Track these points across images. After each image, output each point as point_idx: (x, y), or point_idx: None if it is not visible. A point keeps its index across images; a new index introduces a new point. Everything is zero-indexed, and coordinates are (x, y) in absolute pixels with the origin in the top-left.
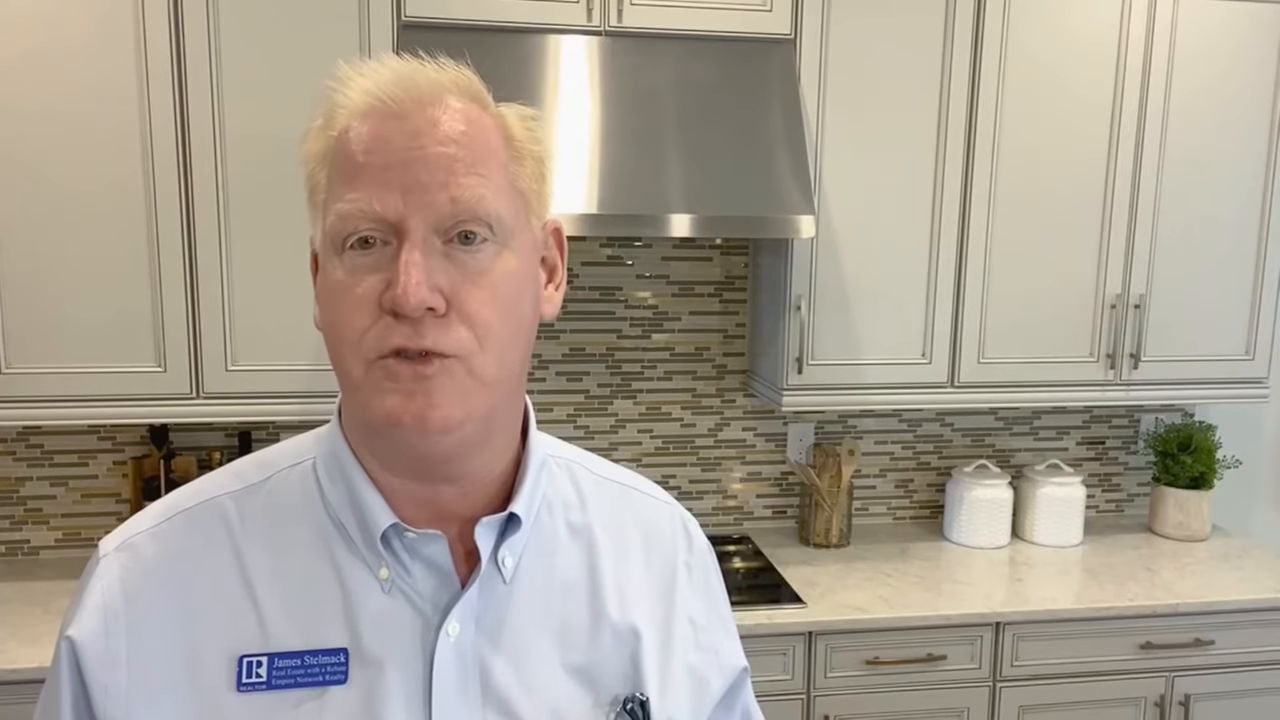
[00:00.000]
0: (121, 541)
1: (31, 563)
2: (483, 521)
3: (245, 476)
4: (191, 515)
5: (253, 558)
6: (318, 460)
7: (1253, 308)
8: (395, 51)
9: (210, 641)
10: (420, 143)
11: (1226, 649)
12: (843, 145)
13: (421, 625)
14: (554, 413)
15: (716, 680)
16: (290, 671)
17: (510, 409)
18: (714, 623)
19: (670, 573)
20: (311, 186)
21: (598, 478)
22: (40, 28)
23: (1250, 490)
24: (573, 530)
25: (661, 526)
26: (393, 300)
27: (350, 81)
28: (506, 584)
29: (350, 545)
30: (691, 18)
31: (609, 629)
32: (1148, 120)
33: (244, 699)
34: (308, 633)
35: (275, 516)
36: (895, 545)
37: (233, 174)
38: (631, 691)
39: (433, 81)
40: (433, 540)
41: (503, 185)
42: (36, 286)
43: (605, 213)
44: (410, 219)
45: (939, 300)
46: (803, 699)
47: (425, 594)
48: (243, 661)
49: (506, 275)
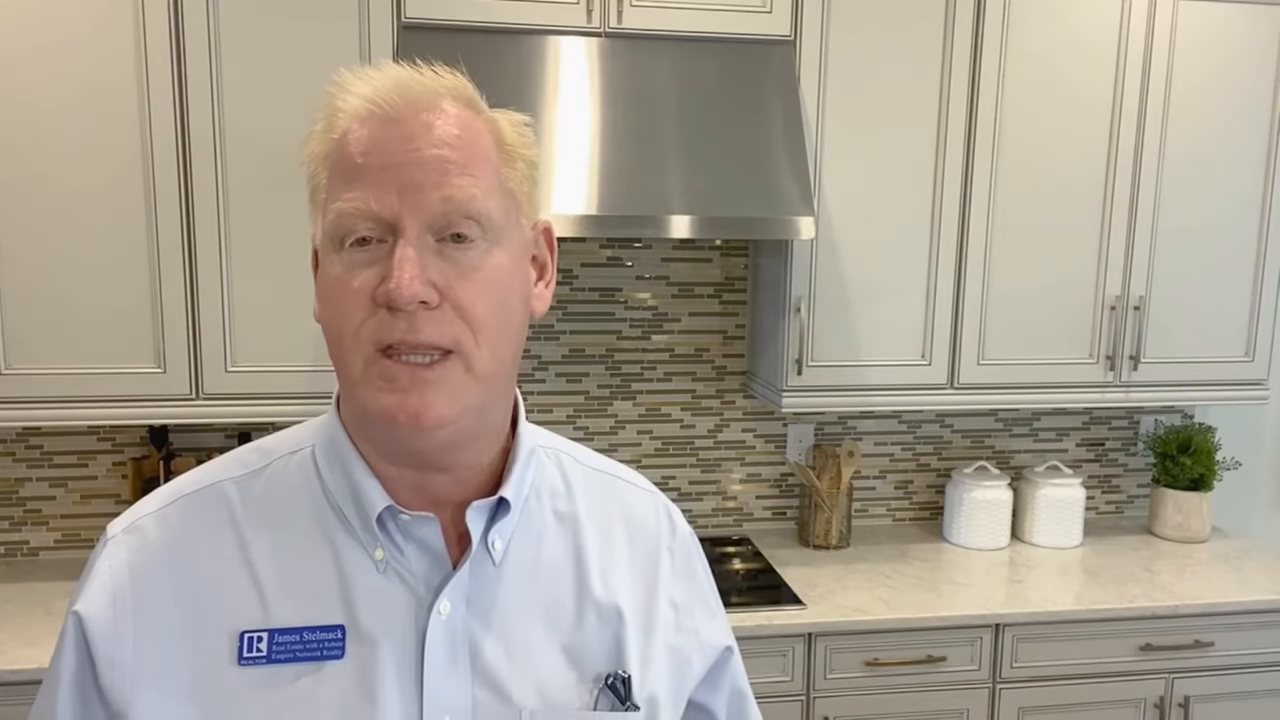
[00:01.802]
0: (129, 524)
1: (31, 564)
2: (473, 506)
3: (246, 463)
4: (195, 499)
5: (253, 539)
6: (316, 447)
7: (1252, 309)
8: (395, 52)
9: (212, 618)
10: (415, 145)
11: (1226, 650)
12: (842, 146)
13: (414, 604)
14: (554, 414)
15: (697, 659)
16: (289, 646)
17: (502, 403)
18: (695, 604)
19: (653, 558)
20: (313, 186)
21: (584, 467)
22: (40, 25)
23: (1250, 492)
24: (559, 517)
25: (645, 514)
26: (387, 294)
27: (350, 87)
28: (496, 566)
29: (347, 528)
30: (691, 19)
31: (593, 610)
32: (1147, 121)
33: (244, 672)
34: (306, 610)
35: (275, 500)
36: (895, 546)
37: (232, 174)
38: (614, 669)
39: (428, 88)
40: (425, 523)
41: (494, 186)
42: (36, 287)
43: (605, 214)
44: (405, 218)
45: (939, 301)
46: (802, 700)
47: (418, 574)
48: (244, 637)
49: (498, 271)
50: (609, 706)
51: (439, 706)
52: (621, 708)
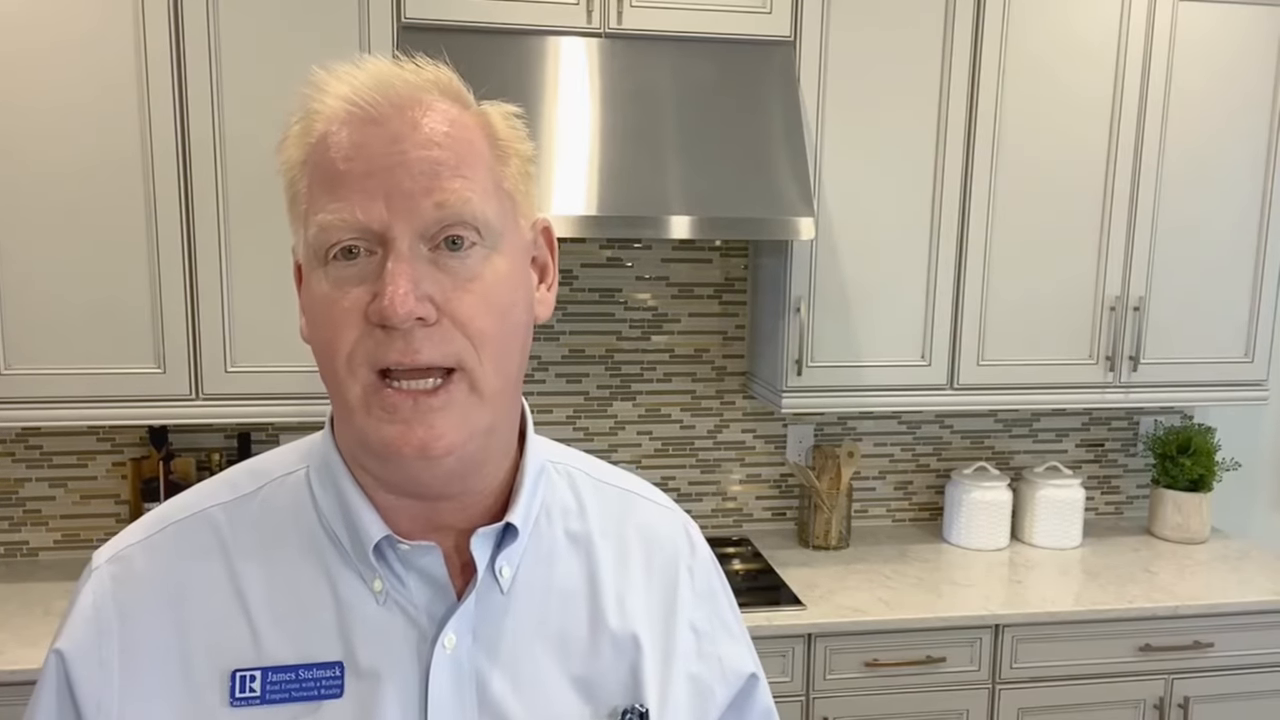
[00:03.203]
0: (113, 554)
1: (30, 564)
2: (479, 533)
3: (238, 486)
4: (182, 527)
5: (245, 569)
6: (311, 470)
7: (1252, 309)
8: (395, 52)
9: (203, 655)
10: (401, 147)
11: (1226, 651)
12: (842, 147)
13: (417, 637)
14: (553, 414)
15: (720, 689)
16: (284, 685)
17: (509, 419)
18: (717, 629)
19: (672, 580)
20: (291, 195)
21: (597, 483)
22: (40, 27)
23: (1249, 492)
24: (572, 538)
25: (663, 532)
26: (379, 312)
27: (327, 87)
28: (504, 594)
29: (344, 556)
30: (691, 19)
31: (609, 639)
32: (1147, 122)
33: (237, 714)
34: (301, 646)
35: (268, 527)
36: (894, 547)
37: (232, 174)
38: (631, 703)
39: (410, 83)
40: (426, 552)
41: (489, 187)
42: (36, 287)
43: (605, 214)
44: (394, 227)
45: (938, 302)
46: (802, 700)
47: (420, 605)
48: (235, 676)
49: (498, 279)
50: None
51: None
52: None
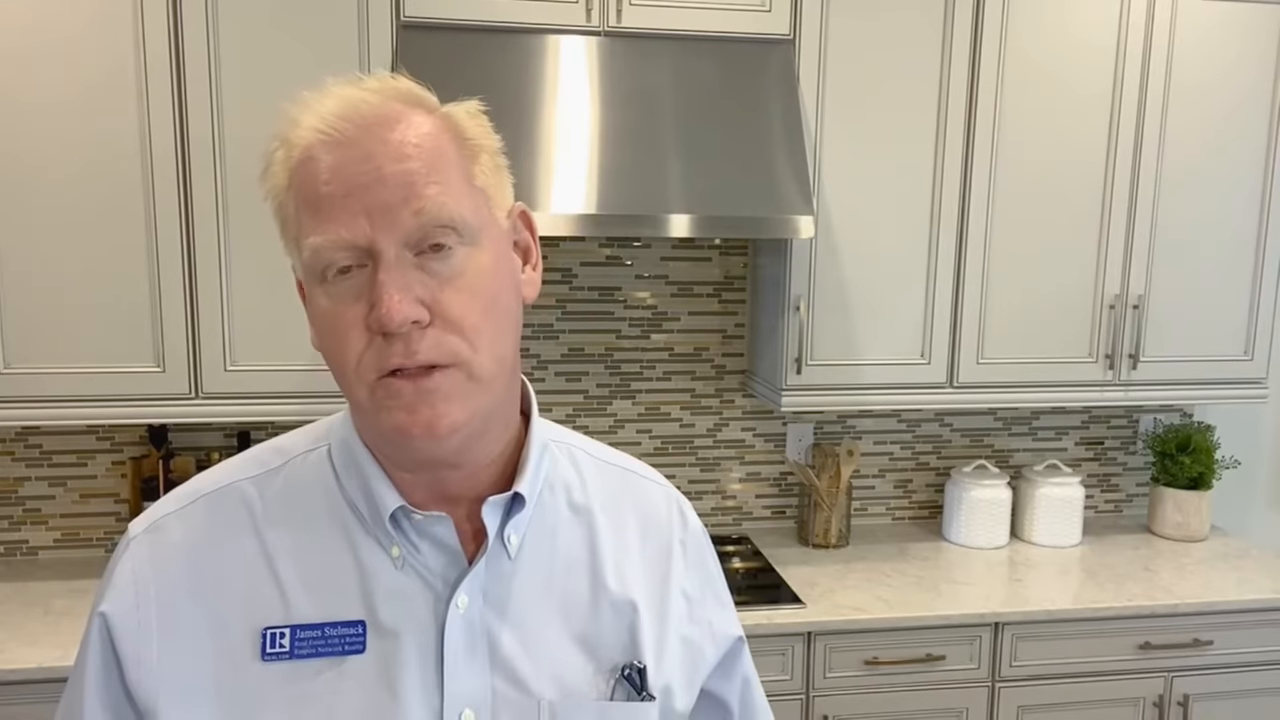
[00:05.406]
0: (150, 523)
1: (30, 563)
2: (489, 501)
3: (264, 462)
4: (214, 498)
5: (273, 538)
6: (332, 446)
7: (1251, 308)
8: (394, 51)
9: (235, 615)
10: (375, 164)
11: (1225, 649)
12: (842, 145)
13: (433, 599)
14: (553, 413)
15: (710, 650)
16: (311, 642)
17: (508, 395)
18: (707, 596)
19: (665, 550)
20: (282, 219)
21: (597, 461)
22: (39, 26)
23: (1249, 491)
24: (574, 510)
25: (658, 507)
26: (377, 321)
27: (300, 120)
28: (511, 560)
29: (364, 526)
30: (690, 18)
31: (608, 602)
32: (1146, 120)
33: (268, 668)
34: (327, 607)
35: (294, 499)
36: (894, 545)
37: (231, 173)
38: (630, 660)
39: (373, 103)
40: (438, 521)
41: (462, 187)
42: (36, 287)
43: (604, 213)
44: (379, 240)
45: (938, 300)
46: (802, 699)
47: (435, 570)
48: (266, 633)
49: (481, 273)
50: (625, 697)
51: (459, 698)
52: (638, 698)
